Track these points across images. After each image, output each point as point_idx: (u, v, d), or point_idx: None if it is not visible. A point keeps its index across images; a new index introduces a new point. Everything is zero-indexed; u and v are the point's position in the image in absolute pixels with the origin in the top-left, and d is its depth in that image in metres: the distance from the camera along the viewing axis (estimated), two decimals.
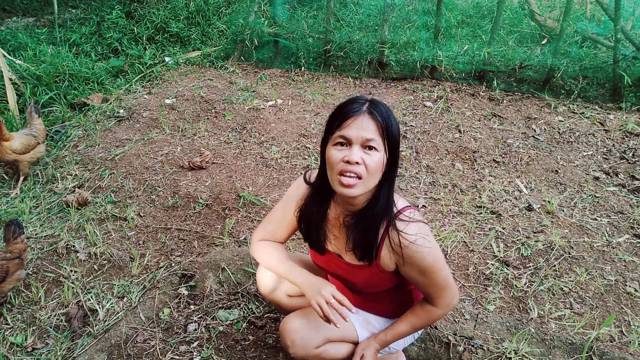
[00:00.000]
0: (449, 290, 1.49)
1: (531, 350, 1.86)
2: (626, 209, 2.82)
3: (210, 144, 3.52)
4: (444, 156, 3.39)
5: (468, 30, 4.91)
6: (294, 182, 1.62)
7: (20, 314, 2.15)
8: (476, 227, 2.69)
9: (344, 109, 1.34)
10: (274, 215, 1.64)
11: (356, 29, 4.90)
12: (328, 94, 4.31)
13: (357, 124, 1.30)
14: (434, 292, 1.49)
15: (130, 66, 4.67)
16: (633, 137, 3.55)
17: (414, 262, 1.40)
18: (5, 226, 2.25)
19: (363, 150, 1.30)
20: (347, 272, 1.55)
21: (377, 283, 1.53)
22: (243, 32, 4.93)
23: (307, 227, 1.54)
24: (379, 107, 1.33)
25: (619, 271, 2.38)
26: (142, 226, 2.70)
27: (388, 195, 1.39)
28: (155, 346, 1.94)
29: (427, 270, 1.42)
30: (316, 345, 1.54)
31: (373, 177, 1.33)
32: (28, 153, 3.02)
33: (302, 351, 1.53)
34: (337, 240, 1.52)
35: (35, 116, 3.18)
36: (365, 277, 1.51)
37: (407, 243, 1.37)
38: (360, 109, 1.31)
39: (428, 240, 1.40)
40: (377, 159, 1.31)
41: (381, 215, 1.39)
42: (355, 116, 1.30)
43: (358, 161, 1.29)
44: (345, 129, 1.31)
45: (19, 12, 5.91)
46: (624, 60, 3.99)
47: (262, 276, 1.73)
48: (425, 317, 1.55)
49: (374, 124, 1.30)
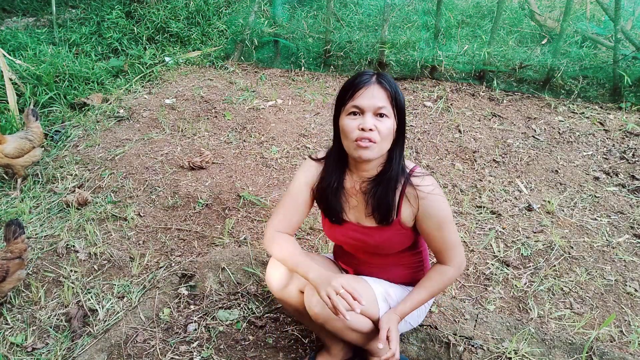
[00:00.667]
0: (460, 247, 1.58)
1: (531, 350, 1.86)
2: (626, 209, 2.82)
3: (210, 144, 3.52)
4: (444, 156, 3.39)
5: (468, 30, 4.91)
6: (299, 169, 1.68)
7: (20, 314, 2.15)
8: (476, 227, 2.69)
9: (354, 81, 1.46)
10: (286, 201, 1.67)
11: (356, 29, 4.90)
12: (328, 94, 4.31)
13: (368, 94, 1.43)
14: (447, 248, 1.56)
15: (130, 66, 4.67)
16: (633, 137, 3.55)
17: (432, 212, 1.51)
18: (5, 226, 2.25)
19: (375, 117, 1.43)
20: (367, 236, 1.60)
21: (397, 241, 1.59)
22: (243, 32, 4.93)
23: (326, 200, 1.61)
24: (386, 77, 1.47)
25: (619, 271, 2.38)
26: (142, 226, 2.70)
27: (399, 157, 1.52)
28: (155, 346, 1.94)
29: (443, 221, 1.52)
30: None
31: (386, 141, 1.46)
32: (22, 157, 2.96)
33: (329, 313, 1.51)
34: (355, 209, 1.60)
35: (33, 119, 3.12)
36: (386, 237, 1.58)
37: (424, 195, 1.50)
38: (370, 80, 1.45)
39: (441, 191, 1.54)
40: (388, 124, 1.44)
41: (396, 176, 1.51)
42: (366, 86, 1.44)
43: (372, 128, 1.42)
44: (357, 99, 1.44)
45: (19, 12, 5.91)
46: (624, 60, 3.99)
47: (273, 272, 1.68)
48: (440, 280, 1.59)
49: (384, 92, 1.44)
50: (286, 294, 1.67)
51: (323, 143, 3.54)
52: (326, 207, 1.63)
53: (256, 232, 2.65)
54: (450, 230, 1.55)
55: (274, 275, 1.68)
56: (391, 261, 1.69)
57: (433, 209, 1.51)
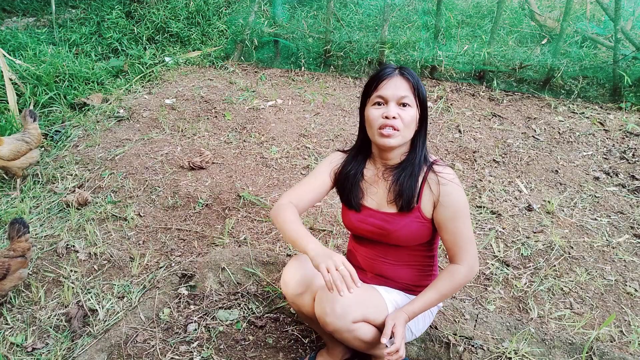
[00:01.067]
0: (472, 244, 1.58)
1: (531, 350, 1.86)
2: (626, 209, 2.82)
3: (210, 144, 3.52)
4: (444, 156, 3.39)
5: (468, 30, 4.91)
6: (325, 158, 1.76)
7: (20, 314, 2.15)
8: (476, 227, 2.69)
9: (378, 73, 1.54)
10: (306, 179, 1.72)
11: (356, 29, 4.90)
12: (328, 94, 4.31)
13: (392, 84, 1.51)
14: (460, 242, 1.56)
15: (130, 66, 4.67)
16: (633, 137, 3.55)
17: (450, 200, 1.53)
18: (9, 224, 2.25)
19: (398, 107, 1.51)
20: (386, 223, 1.61)
21: (415, 231, 1.59)
22: (243, 32, 4.93)
23: (344, 185, 1.67)
24: (408, 70, 1.55)
25: (619, 271, 2.38)
26: (142, 226, 2.70)
27: (422, 146, 1.59)
28: (155, 346, 1.94)
29: (459, 211, 1.54)
30: (354, 320, 1.50)
31: (408, 129, 1.52)
32: (18, 159, 2.93)
33: (340, 322, 1.48)
34: (376, 195, 1.64)
35: (30, 120, 3.08)
36: (404, 223, 1.59)
37: (445, 181, 1.54)
38: (393, 72, 1.53)
39: (460, 183, 1.58)
40: (412, 113, 1.52)
41: (419, 164, 1.57)
42: (390, 77, 1.52)
43: (395, 116, 1.49)
44: (382, 89, 1.52)
45: (19, 12, 5.92)
46: (624, 60, 3.99)
47: (291, 277, 1.64)
48: (450, 280, 1.57)
49: (407, 83, 1.52)
50: (300, 301, 1.64)
51: (323, 143, 3.54)
52: (344, 192, 1.67)
53: (256, 232, 2.65)
54: (464, 224, 1.56)
55: (292, 282, 1.63)
56: (404, 258, 1.68)
57: (451, 196, 1.54)
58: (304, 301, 1.63)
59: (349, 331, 1.50)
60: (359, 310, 1.51)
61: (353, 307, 1.50)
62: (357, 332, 1.52)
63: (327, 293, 1.50)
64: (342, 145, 3.51)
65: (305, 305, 1.64)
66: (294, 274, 1.63)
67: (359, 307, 1.51)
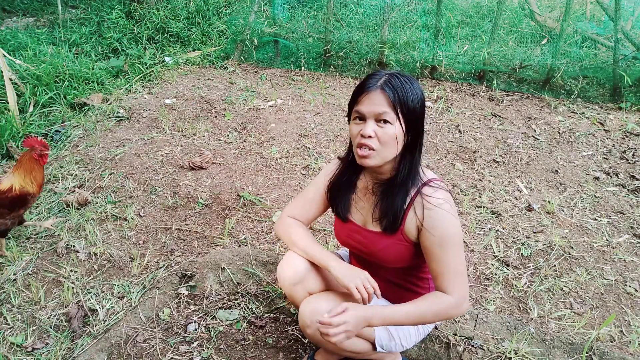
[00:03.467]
0: (463, 278, 1.45)
1: (531, 350, 1.86)
2: (626, 209, 2.82)
3: (210, 144, 3.52)
4: (444, 156, 3.39)
5: (468, 30, 4.92)
6: (325, 166, 1.72)
7: (20, 314, 2.15)
8: (476, 227, 2.69)
9: (360, 86, 1.42)
10: (306, 193, 1.70)
11: (356, 29, 4.90)
12: (328, 94, 4.31)
13: (369, 100, 1.38)
14: (447, 272, 1.44)
15: (130, 66, 4.67)
16: (633, 137, 3.55)
17: (436, 226, 1.42)
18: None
19: (377, 123, 1.38)
20: (368, 240, 1.57)
21: (395, 252, 1.53)
22: (243, 32, 4.93)
23: (334, 195, 1.62)
24: (394, 81, 1.38)
25: (619, 271, 2.38)
26: (142, 226, 2.70)
27: (410, 164, 1.45)
28: (155, 346, 1.94)
29: (447, 241, 1.42)
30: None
31: (387, 148, 1.39)
32: None
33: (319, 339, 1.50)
34: (363, 210, 1.58)
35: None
36: (385, 245, 1.53)
37: (431, 206, 1.43)
38: (374, 85, 1.38)
39: (453, 209, 1.45)
40: (389, 131, 1.38)
41: (405, 183, 1.46)
42: (368, 92, 1.38)
43: (370, 134, 1.38)
44: (359, 105, 1.40)
45: (19, 12, 5.92)
46: (624, 60, 3.99)
47: (286, 268, 1.65)
48: (433, 302, 1.45)
49: (385, 98, 1.36)
50: (294, 291, 1.66)
51: (323, 143, 3.54)
52: (334, 201, 1.64)
53: (256, 232, 2.65)
54: (454, 253, 1.44)
55: (287, 272, 1.64)
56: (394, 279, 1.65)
57: (438, 222, 1.42)
58: (298, 293, 1.65)
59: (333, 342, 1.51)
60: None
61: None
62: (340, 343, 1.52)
63: (308, 307, 1.54)
64: (342, 145, 3.51)
65: (300, 296, 1.66)
66: (289, 265, 1.65)
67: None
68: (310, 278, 1.64)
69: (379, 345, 1.62)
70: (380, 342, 1.62)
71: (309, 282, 1.64)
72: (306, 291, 1.65)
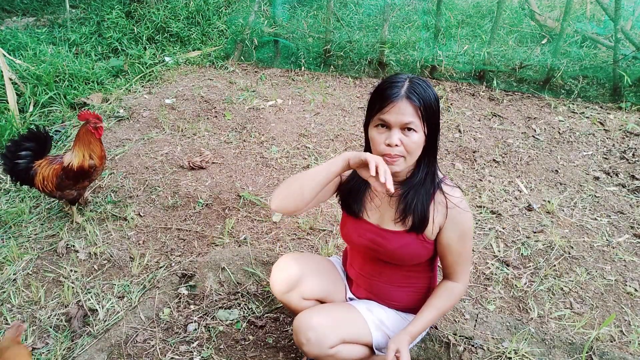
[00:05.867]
0: (470, 263, 1.59)
1: (531, 350, 1.86)
2: (626, 209, 2.82)
3: (210, 144, 3.52)
4: (444, 156, 3.39)
5: (468, 30, 4.92)
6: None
7: (20, 313, 2.15)
8: (476, 227, 2.69)
9: (383, 93, 1.40)
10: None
11: (356, 29, 4.90)
12: (328, 94, 4.31)
13: (396, 110, 1.37)
14: (461, 263, 1.55)
15: (130, 66, 4.67)
16: (633, 137, 3.55)
17: (457, 223, 1.50)
18: None
19: (402, 132, 1.39)
20: (384, 239, 1.56)
21: (414, 250, 1.54)
22: (243, 32, 4.93)
23: (349, 191, 1.60)
24: (417, 88, 1.38)
25: (619, 271, 2.38)
26: (142, 226, 2.70)
27: (429, 164, 1.49)
28: (155, 346, 1.94)
29: (466, 233, 1.52)
30: (331, 345, 1.52)
31: (412, 155, 1.42)
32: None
33: (317, 349, 1.51)
34: (378, 210, 1.58)
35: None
36: (403, 243, 1.53)
37: (452, 206, 1.49)
38: (399, 94, 1.37)
39: (467, 205, 1.53)
40: (416, 139, 1.39)
41: (425, 183, 1.49)
42: (394, 102, 1.37)
43: (397, 144, 1.38)
44: (385, 113, 1.38)
45: (19, 12, 5.92)
46: (624, 60, 3.99)
47: (277, 276, 1.67)
48: (448, 297, 1.56)
49: (412, 108, 1.37)
50: (287, 298, 1.68)
51: (323, 143, 3.54)
52: (348, 196, 1.60)
53: (256, 232, 2.65)
54: (469, 246, 1.54)
55: (278, 280, 1.67)
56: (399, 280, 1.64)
57: (460, 218, 1.50)
58: (291, 299, 1.67)
59: (329, 356, 1.53)
60: (333, 334, 1.53)
61: (327, 333, 1.52)
62: (338, 355, 1.54)
63: (302, 322, 1.54)
64: (342, 145, 3.51)
65: (294, 302, 1.68)
66: (280, 272, 1.67)
67: (333, 331, 1.53)
68: (304, 283, 1.65)
69: (377, 348, 1.62)
70: (378, 345, 1.62)
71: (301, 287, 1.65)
72: (299, 296, 1.66)
